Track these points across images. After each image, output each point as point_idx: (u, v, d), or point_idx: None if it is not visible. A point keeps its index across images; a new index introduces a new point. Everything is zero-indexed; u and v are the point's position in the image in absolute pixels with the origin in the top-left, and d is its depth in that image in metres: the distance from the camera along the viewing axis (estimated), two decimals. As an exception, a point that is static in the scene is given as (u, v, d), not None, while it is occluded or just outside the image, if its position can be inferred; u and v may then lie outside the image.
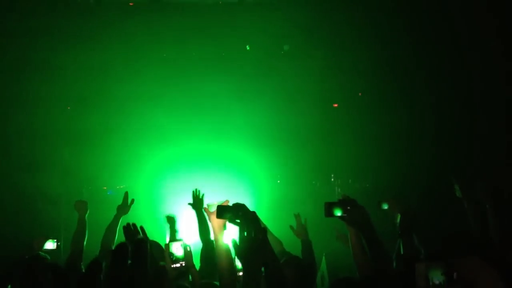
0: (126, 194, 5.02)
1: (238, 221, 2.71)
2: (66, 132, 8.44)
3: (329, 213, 2.93)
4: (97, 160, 8.41)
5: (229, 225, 3.06)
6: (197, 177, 8.11)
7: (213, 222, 3.09)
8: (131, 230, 3.33)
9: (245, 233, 2.50)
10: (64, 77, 8.13)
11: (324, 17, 8.10)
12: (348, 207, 2.89)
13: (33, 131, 8.23)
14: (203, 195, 4.94)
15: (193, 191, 4.97)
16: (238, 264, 2.99)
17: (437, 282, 2.23)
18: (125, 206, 4.92)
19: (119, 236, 4.61)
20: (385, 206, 4.32)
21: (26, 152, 8.23)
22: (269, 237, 3.93)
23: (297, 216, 4.75)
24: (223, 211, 2.91)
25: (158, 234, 6.52)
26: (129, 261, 2.98)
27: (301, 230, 4.55)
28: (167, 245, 3.84)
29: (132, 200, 4.99)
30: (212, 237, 4.55)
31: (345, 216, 2.88)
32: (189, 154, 8.57)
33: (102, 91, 8.31)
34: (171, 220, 5.92)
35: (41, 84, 8.05)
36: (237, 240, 2.53)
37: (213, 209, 3.10)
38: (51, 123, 8.33)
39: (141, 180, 8.55)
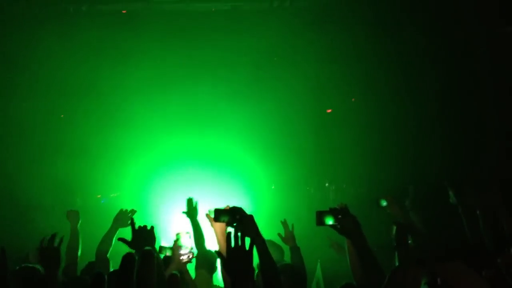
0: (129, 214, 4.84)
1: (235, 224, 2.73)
2: (59, 141, 8.42)
3: (320, 221, 2.93)
4: (90, 169, 8.38)
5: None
6: (191, 183, 8.12)
7: (215, 228, 3.08)
8: (144, 234, 3.26)
9: (239, 236, 2.50)
10: (58, 86, 8.13)
11: (319, 19, 8.15)
12: (339, 216, 2.88)
13: (25, 140, 8.21)
14: (196, 203, 4.88)
15: (187, 200, 4.90)
16: None
17: None
18: (123, 219, 4.77)
19: (114, 246, 4.56)
20: (384, 203, 4.38)
21: (19, 161, 8.20)
22: (270, 244, 3.98)
23: (284, 223, 4.73)
24: (220, 214, 2.91)
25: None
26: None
27: (289, 237, 4.54)
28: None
29: (133, 212, 4.86)
30: (207, 245, 4.56)
31: (337, 225, 2.88)
32: (183, 160, 8.56)
33: (94, 97, 8.31)
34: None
35: (33, 94, 8.05)
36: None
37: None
38: (45, 131, 8.32)
39: (135, 188, 8.52)
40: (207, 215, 3.16)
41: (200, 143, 8.59)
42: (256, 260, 4.28)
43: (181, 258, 3.35)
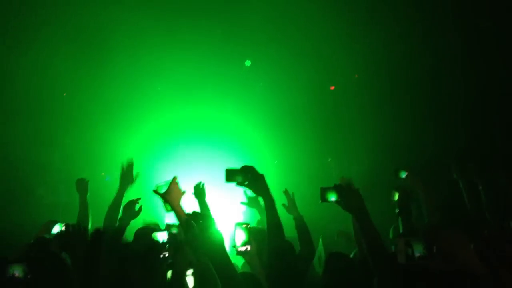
0: (131, 164, 4.78)
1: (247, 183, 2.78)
2: (64, 119, 8.46)
3: (324, 198, 2.94)
4: (94, 147, 8.44)
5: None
6: (193, 159, 8.19)
7: (170, 201, 3.07)
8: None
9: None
10: (58, 66, 8.11)
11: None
12: (343, 192, 2.90)
13: (32, 118, 8.26)
14: (203, 184, 4.88)
15: (195, 185, 4.86)
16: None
17: (417, 254, 2.30)
18: (129, 176, 4.72)
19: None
20: (403, 175, 4.29)
21: (25, 134, 8.26)
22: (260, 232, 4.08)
23: (286, 193, 4.74)
24: (233, 174, 2.92)
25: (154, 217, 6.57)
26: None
27: (291, 206, 4.56)
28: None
29: (137, 173, 4.80)
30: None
31: (340, 201, 2.90)
32: (186, 137, 8.61)
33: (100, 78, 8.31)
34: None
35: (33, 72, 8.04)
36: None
37: (163, 190, 3.09)
38: (51, 108, 8.36)
39: (139, 165, 8.57)
40: (155, 191, 3.16)
41: (202, 118, 8.63)
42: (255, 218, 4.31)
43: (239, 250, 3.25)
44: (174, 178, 3.13)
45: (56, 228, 4.35)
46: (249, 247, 3.12)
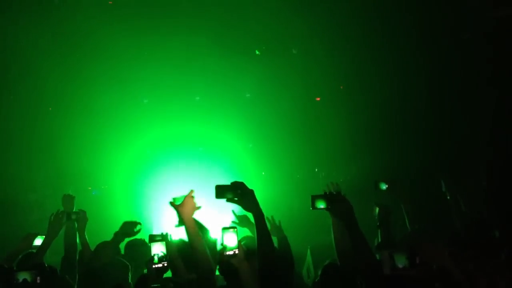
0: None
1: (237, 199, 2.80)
2: (50, 134, 8.40)
3: (314, 205, 2.99)
4: (82, 162, 8.40)
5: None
6: (182, 172, 8.18)
7: (183, 215, 3.09)
8: None
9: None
10: (44, 80, 8.07)
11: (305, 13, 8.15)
12: (333, 200, 2.95)
13: (17, 133, 8.19)
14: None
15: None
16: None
17: (401, 266, 2.37)
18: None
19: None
20: (383, 186, 4.35)
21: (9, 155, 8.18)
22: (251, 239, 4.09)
23: (270, 219, 4.77)
24: (223, 191, 2.94)
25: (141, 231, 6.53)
26: None
27: (275, 230, 4.60)
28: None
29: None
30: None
31: (330, 208, 2.95)
32: (172, 150, 8.61)
33: (85, 93, 8.29)
34: None
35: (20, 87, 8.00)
36: None
37: (179, 202, 3.11)
38: (33, 125, 8.30)
39: (125, 180, 8.55)
40: (172, 203, 3.17)
41: (189, 131, 8.63)
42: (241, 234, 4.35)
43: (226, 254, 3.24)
44: (191, 192, 3.12)
45: (38, 241, 4.32)
46: (237, 251, 3.13)
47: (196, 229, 3.07)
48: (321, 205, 2.99)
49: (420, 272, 2.35)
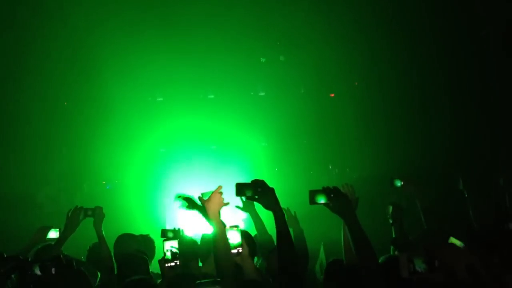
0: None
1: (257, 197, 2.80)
2: (65, 129, 8.49)
3: (313, 200, 2.96)
4: (96, 156, 8.47)
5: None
6: (195, 168, 8.20)
7: (210, 210, 3.08)
8: None
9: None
10: (59, 75, 8.14)
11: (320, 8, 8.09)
12: (332, 195, 2.91)
13: (32, 129, 8.28)
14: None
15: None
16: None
17: (419, 269, 2.31)
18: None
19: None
20: (398, 183, 4.34)
21: (25, 149, 8.28)
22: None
23: (287, 211, 4.79)
24: (243, 188, 2.92)
25: (153, 225, 6.56)
26: None
27: (292, 221, 4.60)
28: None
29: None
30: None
31: (329, 204, 2.92)
32: (186, 146, 8.63)
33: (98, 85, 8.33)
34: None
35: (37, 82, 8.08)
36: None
37: (207, 197, 3.10)
38: (49, 119, 8.39)
39: (139, 174, 8.60)
40: (200, 198, 3.16)
41: (202, 129, 8.64)
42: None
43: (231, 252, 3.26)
44: (218, 188, 3.11)
45: (52, 234, 4.37)
46: (241, 249, 3.12)
47: (222, 226, 3.06)
48: (321, 200, 2.95)
49: (441, 277, 2.29)
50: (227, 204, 3.12)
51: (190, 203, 3.68)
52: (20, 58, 7.96)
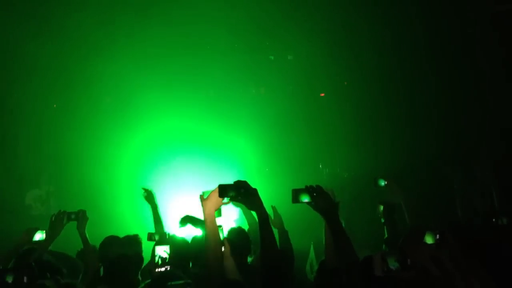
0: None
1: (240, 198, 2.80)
2: (54, 131, 8.44)
3: (296, 199, 2.97)
4: (86, 158, 8.42)
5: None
6: (184, 168, 8.18)
7: (206, 209, 3.08)
8: None
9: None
10: (48, 77, 8.09)
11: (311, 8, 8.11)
12: (314, 194, 2.92)
13: (22, 130, 8.23)
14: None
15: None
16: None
17: (393, 268, 2.34)
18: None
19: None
20: (382, 183, 4.38)
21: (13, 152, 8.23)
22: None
23: (273, 208, 4.79)
24: (226, 190, 2.92)
25: (143, 226, 6.53)
26: None
27: (277, 221, 4.61)
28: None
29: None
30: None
31: (311, 202, 2.92)
32: (178, 144, 8.61)
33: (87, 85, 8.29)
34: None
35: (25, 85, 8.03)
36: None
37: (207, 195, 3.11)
38: (38, 122, 8.34)
39: (129, 176, 8.57)
40: (200, 196, 3.16)
41: (193, 128, 8.62)
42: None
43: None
44: (218, 187, 3.11)
45: (38, 236, 4.34)
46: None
47: (215, 225, 3.06)
48: (304, 198, 2.96)
49: (413, 274, 2.33)
50: (225, 203, 3.12)
51: (192, 221, 3.72)
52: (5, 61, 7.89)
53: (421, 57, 7.76)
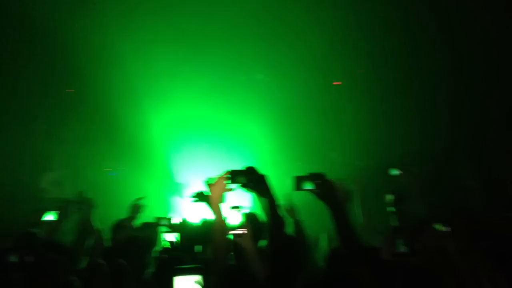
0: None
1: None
2: (69, 115, 8.50)
3: (298, 186, 2.93)
4: (100, 142, 8.49)
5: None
6: (196, 154, 8.21)
7: (212, 194, 3.10)
8: None
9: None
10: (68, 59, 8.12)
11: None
12: (318, 181, 2.89)
13: (37, 114, 8.31)
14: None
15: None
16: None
17: (402, 252, 2.33)
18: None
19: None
20: (396, 172, 4.37)
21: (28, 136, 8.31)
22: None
23: (288, 196, 4.79)
24: (237, 175, 2.92)
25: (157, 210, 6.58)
26: None
27: (290, 214, 4.63)
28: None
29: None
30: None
31: (315, 190, 2.90)
32: (188, 131, 8.64)
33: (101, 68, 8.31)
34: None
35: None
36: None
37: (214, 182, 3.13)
38: (54, 106, 8.40)
39: (142, 161, 8.63)
40: (205, 182, 3.17)
41: (205, 115, 8.64)
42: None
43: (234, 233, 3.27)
44: (225, 173, 3.12)
45: (48, 217, 4.39)
46: (245, 231, 3.13)
47: (220, 211, 3.07)
48: (307, 186, 2.92)
49: (421, 259, 2.31)
50: (231, 190, 3.13)
51: (200, 196, 3.74)
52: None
53: (437, 46, 7.65)
